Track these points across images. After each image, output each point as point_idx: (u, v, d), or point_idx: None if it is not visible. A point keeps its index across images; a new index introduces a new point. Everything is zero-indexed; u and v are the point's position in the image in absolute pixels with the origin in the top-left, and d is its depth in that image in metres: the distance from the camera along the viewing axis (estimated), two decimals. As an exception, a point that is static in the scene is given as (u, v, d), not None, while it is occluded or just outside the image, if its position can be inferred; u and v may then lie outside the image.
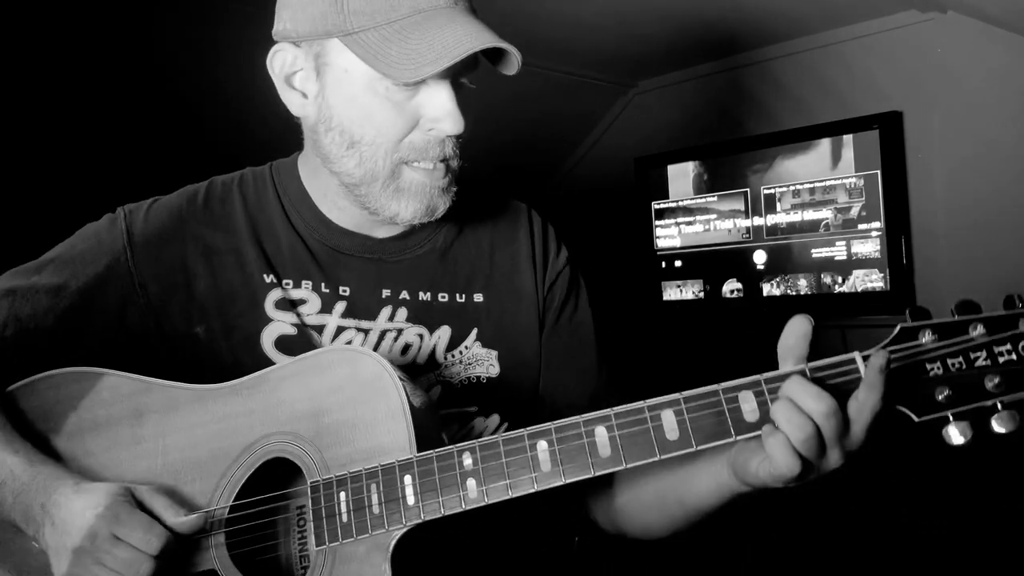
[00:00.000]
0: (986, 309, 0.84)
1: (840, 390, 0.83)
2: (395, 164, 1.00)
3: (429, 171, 1.01)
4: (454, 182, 1.04)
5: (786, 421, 0.81)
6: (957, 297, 2.69)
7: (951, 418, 0.80)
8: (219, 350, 1.05)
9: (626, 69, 3.12)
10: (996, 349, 0.79)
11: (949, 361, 0.81)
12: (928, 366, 0.81)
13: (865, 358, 0.83)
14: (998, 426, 0.78)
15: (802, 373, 0.84)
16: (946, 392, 0.80)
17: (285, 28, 1.01)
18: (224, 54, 2.13)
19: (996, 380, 0.78)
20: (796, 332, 0.86)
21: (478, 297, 1.13)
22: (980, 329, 0.79)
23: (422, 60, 0.92)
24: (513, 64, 0.97)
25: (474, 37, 0.93)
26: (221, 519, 0.95)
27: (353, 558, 0.91)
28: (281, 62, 1.02)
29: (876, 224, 2.63)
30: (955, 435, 0.80)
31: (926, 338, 0.82)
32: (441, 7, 0.95)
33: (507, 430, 1.09)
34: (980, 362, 0.79)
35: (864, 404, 0.81)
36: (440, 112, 0.97)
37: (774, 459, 0.83)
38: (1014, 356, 0.78)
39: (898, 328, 0.82)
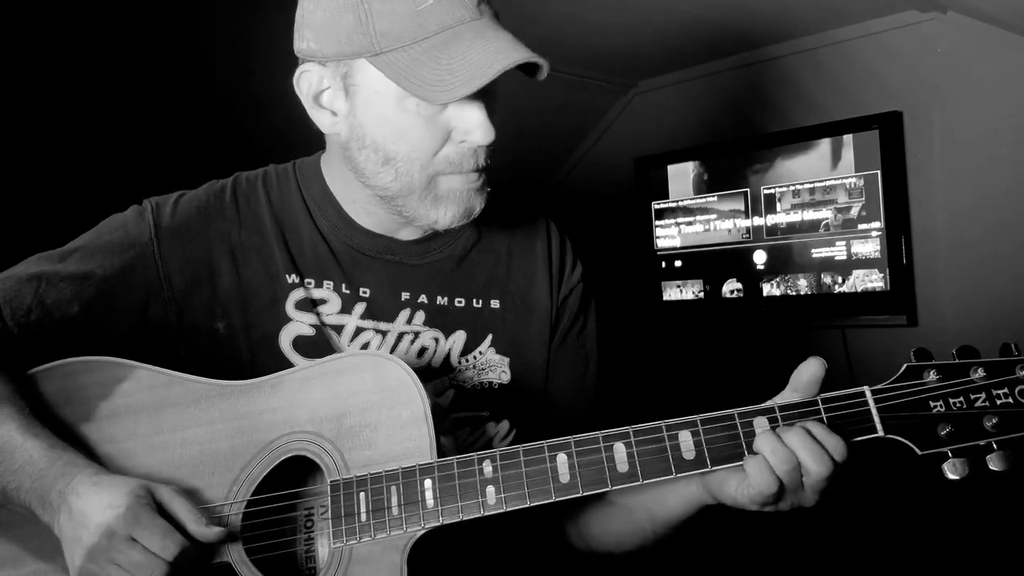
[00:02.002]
0: (988, 314, 0.91)
1: (846, 430, 0.88)
2: (430, 177, 1.01)
3: (465, 175, 1.02)
4: (487, 182, 1.05)
5: (770, 451, 0.88)
6: (957, 297, 2.71)
7: (950, 454, 0.86)
8: (238, 347, 1.06)
9: (626, 69, 3.11)
10: (994, 392, 0.84)
11: (951, 400, 0.86)
12: (931, 403, 0.87)
13: (874, 392, 0.89)
14: (993, 465, 0.84)
15: (814, 402, 0.91)
16: (948, 429, 0.85)
17: (309, 48, 1.00)
18: (242, 51, 2.15)
19: (994, 420, 0.84)
20: (811, 374, 0.92)
21: (495, 303, 1.15)
22: (980, 372, 0.85)
23: (455, 81, 0.93)
24: (542, 71, 0.98)
25: (504, 54, 0.93)
26: (238, 514, 0.96)
27: (370, 557, 0.93)
28: (308, 82, 1.02)
29: (876, 224, 2.64)
30: (953, 471, 0.85)
31: (930, 377, 0.87)
32: (467, 21, 0.95)
33: (516, 436, 1.13)
34: (980, 403, 0.85)
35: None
36: (471, 124, 0.98)
37: (752, 477, 0.89)
38: (1011, 399, 0.84)
39: (904, 367, 0.89)
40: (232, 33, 2.19)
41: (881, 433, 0.87)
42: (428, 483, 0.93)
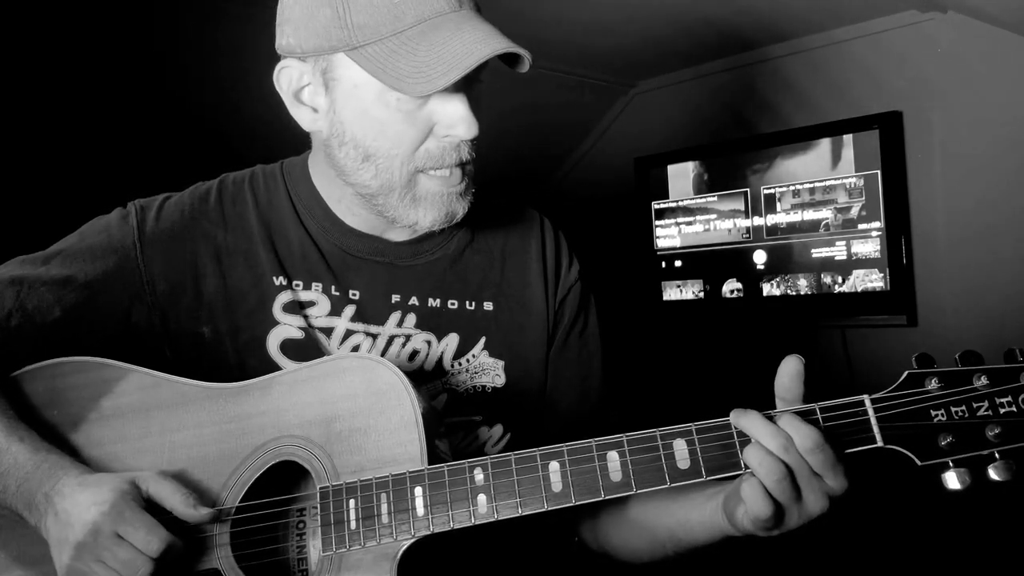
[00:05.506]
0: (988, 314, 0.88)
1: (836, 434, 0.85)
2: (411, 174, 1.00)
3: (445, 178, 1.00)
4: (471, 185, 1.04)
5: (758, 464, 0.85)
6: (957, 297, 2.69)
7: (951, 464, 0.84)
8: (224, 351, 1.05)
9: (626, 69, 3.11)
10: (997, 400, 0.82)
11: (952, 409, 0.83)
12: (932, 412, 0.84)
13: (874, 401, 0.86)
14: (995, 474, 0.82)
15: (812, 411, 0.87)
16: (949, 439, 0.83)
17: (289, 43, 1.00)
18: (227, 52, 2.15)
19: (997, 430, 0.81)
20: (789, 372, 0.89)
21: (488, 305, 1.13)
22: (983, 380, 0.82)
23: (433, 72, 0.91)
24: (524, 64, 0.96)
25: (483, 44, 0.91)
26: (227, 519, 0.95)
27: (360, 566, 0.92)
28: (288, 78, 1.01)
29: (876, 224, 2.63)
30: (953, 481, 0.83)
31: (932, 385, 0.85)
32: (446, 12, 0.94)
33: (511, 441, 1.11)
34: (982, 412, 0.82)
35: (805, 450, 0.84)
36: (454, 118, 0.97)
37: (748, 501, 0.86)
38: (1014, 408, 0.81)
39: (905, 374, 0.86)
40: (222, 33, 2.18)
41: (880, 443, 0.85)
42: (419, 491, 0.91)
